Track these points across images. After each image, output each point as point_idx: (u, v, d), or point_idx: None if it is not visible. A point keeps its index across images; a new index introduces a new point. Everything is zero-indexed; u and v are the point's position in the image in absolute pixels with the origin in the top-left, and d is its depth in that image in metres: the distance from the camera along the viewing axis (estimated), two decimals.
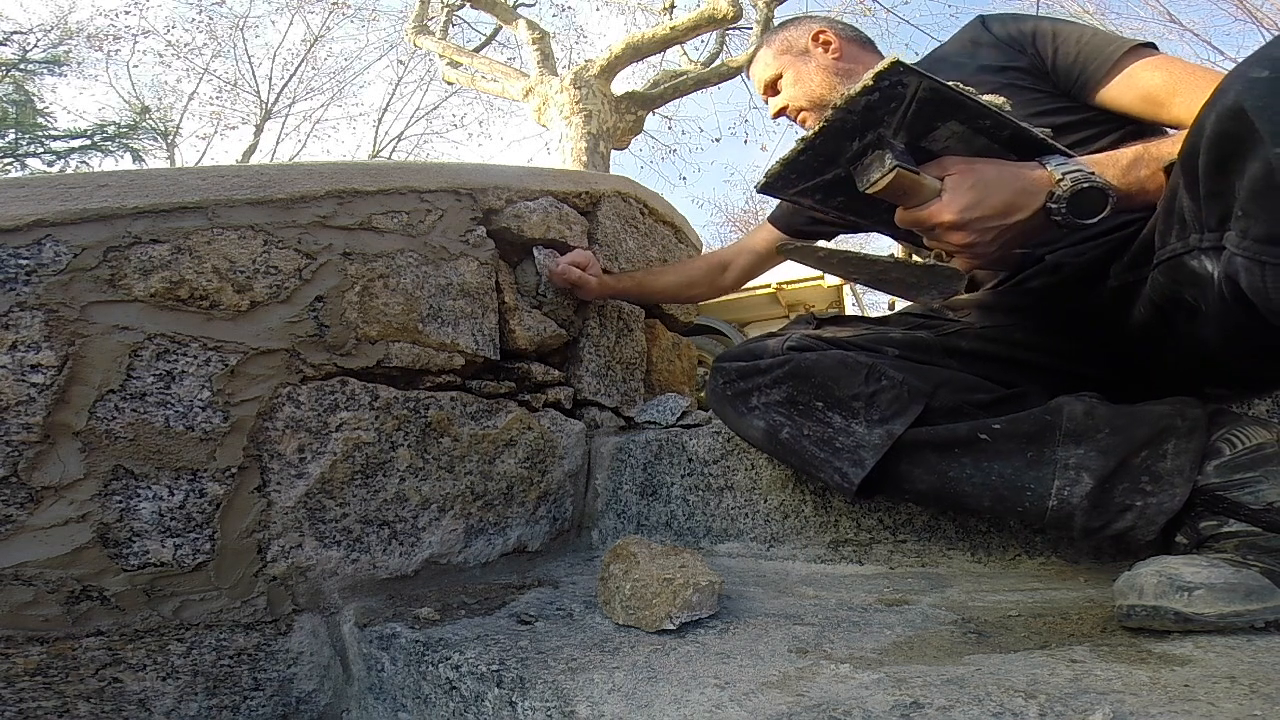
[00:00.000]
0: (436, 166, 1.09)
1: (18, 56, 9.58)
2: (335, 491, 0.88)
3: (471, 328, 1.06)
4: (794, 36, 1.16)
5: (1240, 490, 0.64)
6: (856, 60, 1.14)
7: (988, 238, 0.73)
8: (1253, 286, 0.55)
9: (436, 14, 7.43)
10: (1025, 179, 0.72)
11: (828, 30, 1.14)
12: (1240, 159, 0.52)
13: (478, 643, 0.70)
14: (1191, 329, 0.69)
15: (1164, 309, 0.71)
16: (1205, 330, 0.67)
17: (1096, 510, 0.69)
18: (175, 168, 0.94)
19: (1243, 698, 0.46)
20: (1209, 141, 0.55)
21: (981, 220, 0.72)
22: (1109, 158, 0.75)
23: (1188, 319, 0.68)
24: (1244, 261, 0.55)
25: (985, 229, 0.72)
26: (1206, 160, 0.56)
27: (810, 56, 1.13)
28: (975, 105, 0.70)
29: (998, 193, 0.71)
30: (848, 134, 0.72)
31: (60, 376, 0.70)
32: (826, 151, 0.74)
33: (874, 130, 0.71)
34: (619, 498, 1.21)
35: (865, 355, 0.86)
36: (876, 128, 0.71)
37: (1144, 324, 0.77)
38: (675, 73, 7.16)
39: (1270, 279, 0.54)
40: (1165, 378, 0.80)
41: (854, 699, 0.51)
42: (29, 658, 0.66)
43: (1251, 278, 0.55)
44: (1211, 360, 0.72)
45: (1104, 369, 0.87)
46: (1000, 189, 0.72)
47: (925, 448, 0.78)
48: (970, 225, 0.72)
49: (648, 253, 1.52)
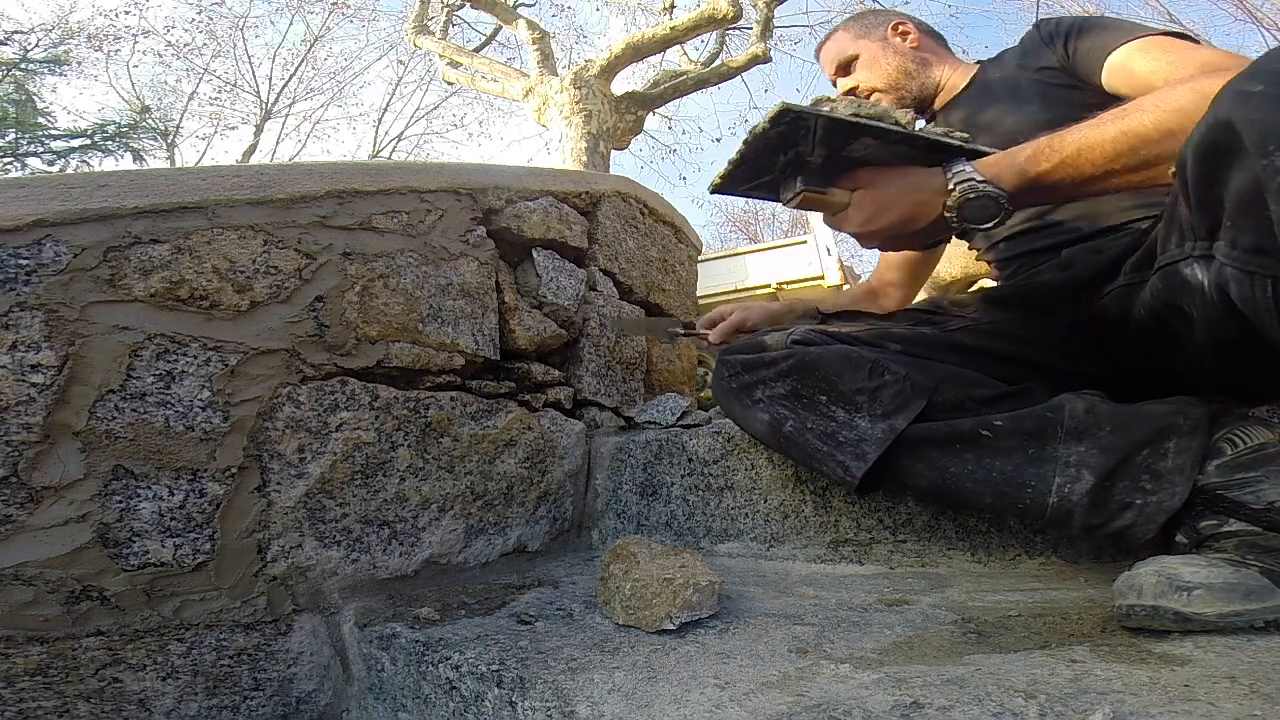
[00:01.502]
0: (436, 166, 1.09)
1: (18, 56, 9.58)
2: (335, 491, 0.88)
3: (471, 328, 1.06)
4: (873, 23, 1.20)
5: (1241, 490, 0.64)
6: (931, 52, 1.18)
7: (894, 244, 0.83)
8: (1242, 296, 0.56)
9: (436, 14, 7.43)
10: (922, 191, 0.78)
11: (906, 22, 1.19)
12: (1227, 170, 0.53)
13: (478, 643, 0.70)
14: (1188, 336, 0.69)
15: (1161, 314, 0.72)
16: (1199, 338, 0.68)
17: (1096, 508, 0.69)
18: (175, 168, 0.94)
19: (1243, 698, 0.46)
20: (1197, 153, 0.56)
21: (881, 232, 0.80)
22: (1008, 156, 0.77)
23: (1183, 326, 0.69)
24: (1233, 272, 0.56)
25: (888, 238, 0.82)
26: (1195, 171, 0.57)
27: (888, 44, 1.17)
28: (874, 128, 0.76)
29: (895, 206, 0.79)
30: (772, 151, 0.79)
31: (60, 376, 0.70)
32: (758, 165, 0.82)
33: (794, 149, 0.78)
34: (619, 498, 1.21)
35: (869, 350, 0.86)
36: (796, 146, 0.78)
37: (1144, 328, 0.77)
38: (675, 73, 7.16)
39: (1259, 289, 0.54)
40: (1167, 380, 0.80)
41: (854, 699, 0.51)
42: (29, 658, 0.66)
43: (1241, 288, 0.56)
44: (1205, 368, 0.73)
45: (1108, 368, 0.87)
46: (898, 203, 0.79)
47: (927, 443, 0.78)
48: (872, 236, 0.81)
49: (647, 253, 1.52)
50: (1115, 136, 0.72)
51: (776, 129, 0.76)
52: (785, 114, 0.75)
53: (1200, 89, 0.67)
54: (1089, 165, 0.73)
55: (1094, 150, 0.72)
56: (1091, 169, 0.73)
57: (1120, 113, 0.73)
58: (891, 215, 0.79)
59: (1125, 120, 0.72)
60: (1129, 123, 0.71)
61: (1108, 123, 0.73)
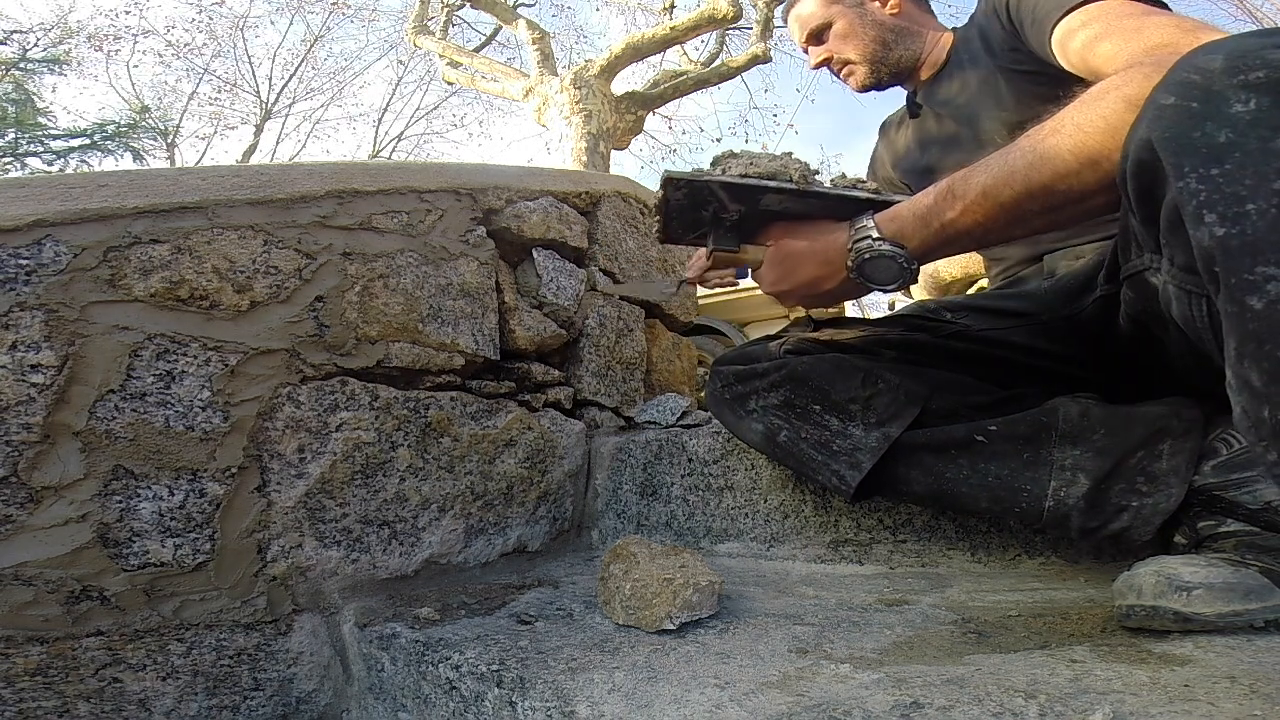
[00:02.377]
0: (436, 166, 1.09)
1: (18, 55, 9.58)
2: (335, 491, 0.88)
3: (471, 328, 1.06)
4: None
5: (1238, 490, 0.64)
6: (914, 20, 1.07)
7: (808, 302, 0.82)
8: (1182, 315, 0.54)
9: (436, 14, 7.43)
10: (827, 251, 0.76)
11: None
12: (1159, 189, 0.50)
13: (478, 643, 0.70)
14: (1166, 342, 0.67)
15: (1141, 321, 0.70)
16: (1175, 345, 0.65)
17: (1093, 511, 0.69)
18: (175, 168, 0.94)
19: (1243, 698, 0.46)
20: (1130, 171, 0.52)
21: (792, 292, 0.80)
22: (910, 208, 0.70)
23: (1163, 330, 0.66)
24: (1174, 289, 0.53)
25: (799, 297, 0.80)
26: (1133, 187, 0.53)
27: (865, 11, 1.06)
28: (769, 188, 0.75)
29: (803, 267, 0.78)
30: (691, 209, 0.79)
31: (60, 376, 0.70)
32: (686, 220, 0.82)
33: (709, 206, 0.78)
34: (619, 498, 1.21)
35: (862, 358, 0.86)
36: (708, 205, 0.77)
37: (1127, 335, 0.75)
38: (675, 73, 7.16)
39: (1195, 308, 0.52)
40: (1161, 381, 0.80)
41: (854, 699, 0.51)
42: (29, 658, 0.67)
43: (1180, 306, 0.53)
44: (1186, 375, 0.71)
45: (1100, 372, 0.87)
46: (805, 264, 0.77)
47: (922, 450, 0.78)
48: (785, 296, 0.81)
49: (647, 252, 1.52)
50: (1026, 170, 0.62)
51: (677, 192, 0.76)
52: (672, 182, 0.74)
53: (1128, 95, 0.57)
54: (997, 209, 0.64)
55: (1002, 190, 0.63)
56: (1002, 213, 0.64)
57: (1032, 138, 0.63)
58: (799, 276, 0.78)
59: (1038, 149, 0.62)
60: (1042, 151, 0.61)
61: (1016, 154, 0.63)
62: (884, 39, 1.05)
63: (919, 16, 1.08)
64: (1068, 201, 0.62)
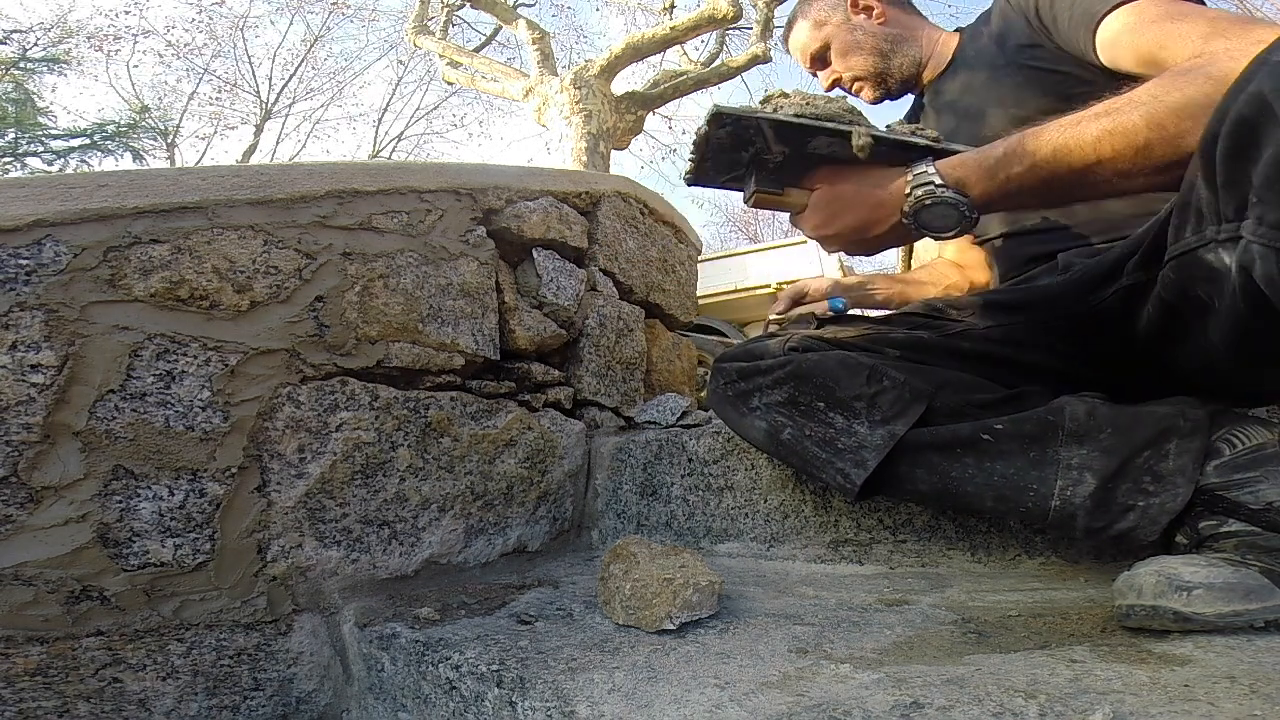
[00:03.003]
0: (436, 166, 1.09)
1: (18, 55, 9.57)
2: (335, 491, 0.88)
3: (471, 328, 1.06)
4: (831, 4, 1.09)
5: (1240, 490, 0.64)
6: (902, 25, 1.08)
7: (855, 249, 0.80)
8: (1266, 274, 0.53)
9: (436, 14, 7.43)
10: (880, 195, 0.74)
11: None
12: (1257, 145, 0.50)
13: (478, 643, 0.70)
14: (1201, 328, 0.67)
15: (1175, 308, 0.69)
16: (1214, 331, 0.65)
17: (1099, 510, 0.69)
18: (175, 168, 0.94)
19: (1243, 698, 0.46)
20: (1225, 132, 0.52)
21: (838, 236, 0.78)
22: (976, 157, 0.70)
23: (1198, 317, 0.66)
24: (1259, 249, 0.53)
25: (845, 242, 0.79)
26: (1224, 147, 0.53)
27: (853, 25, 1.08)
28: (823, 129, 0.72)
29: (851, 211, 0.76)
30: (731, 149, 0.76)
31: (60, 376, 0.70)
32: (723, 161, 0.79)
33: (751, 147, 0.75)
34: (619, 498, 1.21)
35: (867, 356, 0.85)
36: (752, 145, 0.74)
37: (1152, 325, 0.75)
38: (675, 73, 7.16)
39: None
40: (1170, 381, 0.80)
41: (854, 699, 0.51)
42: (29, 658, 0.67)
43: (1266, 265, 0.53)
44: (1215, 366, 0.71)
45: (1108, 371, 0.86)
46: (854, 208, 0.76)
47: (927, 448, 0.78)
48: (829, 240, 0.79)
49: (647, 253, 1.52)
50: (1097, 137, 0.64)
51: (721, 129, 0.73)
52: (721, 116, 0.71)
53: (1213, 74, 0.60)
54: (1066, 170, 0.66)
55: (1072, 153, 0.65)
56: (1069, 174, 0.66)
57: (1107, 109, 0.65)
58: (847, 219, 0.76)
59: (1111, 118, 0.64)
60: (1115, 121, 0.64)
61: (1089, 121, 0.66)
62: (880, 49, 1.07)
63: (907, 21, 1.09)
64: (1134, 170, 0.64)
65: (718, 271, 5.62)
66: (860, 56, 1.07)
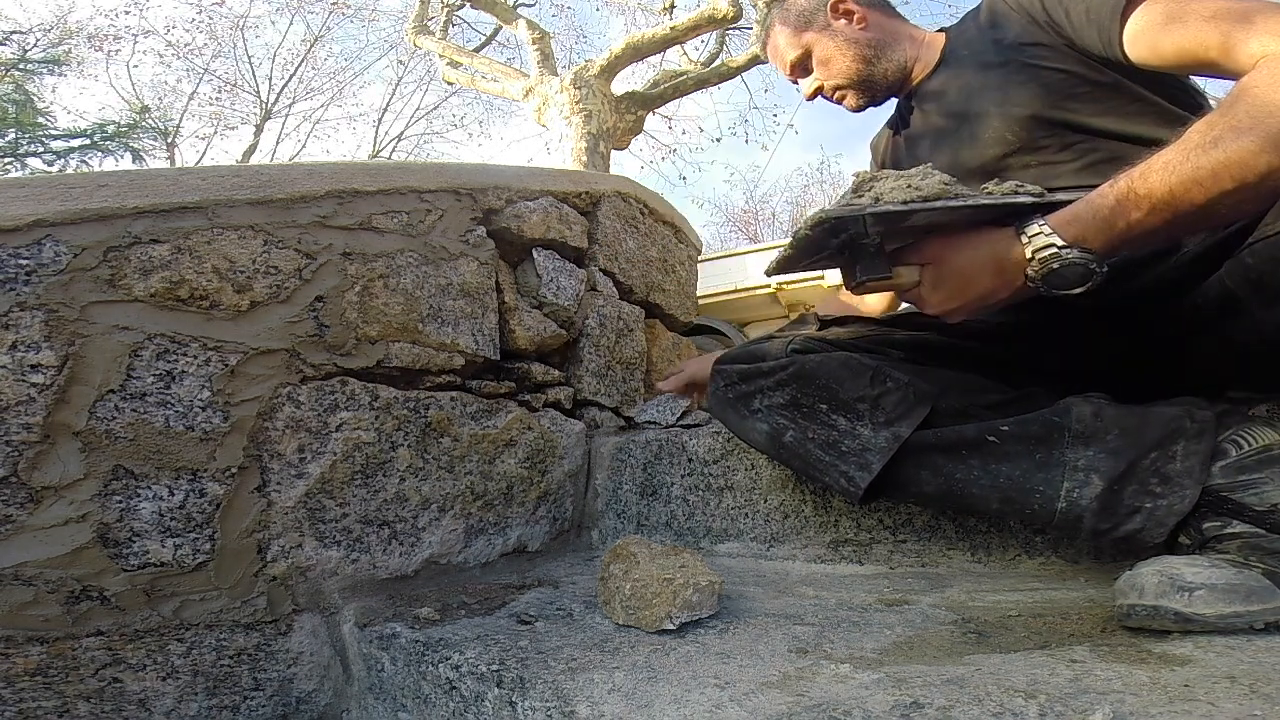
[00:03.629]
0: (436, 166, 1.09)
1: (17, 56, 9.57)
2: (335, 491, 0.88)
3: (471, 328, 1.06)
4: (810, 9, 1.05)
5: (1245, 491, 0.64)
6: (885, 29, 1.03)
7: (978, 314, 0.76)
8: None
9: (436, 14, 7.43)
10: (1000, 262, 0.70)
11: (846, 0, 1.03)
12: None
13: (478, 643, 0.70)
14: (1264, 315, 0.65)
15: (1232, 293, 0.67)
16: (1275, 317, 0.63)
17: (1106, 512, 0.69)
18: (175, 168, 0.94)
19: (1243, 698, 0.46)
20: None
21: (964, 309, 0.74)
22: (1089, 211, 0.67)
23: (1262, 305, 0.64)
24: None
25: (970, 312, 0.75)
26: None
27: (834, 30, 1.03)
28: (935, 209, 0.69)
29: (975, 284, 0.72)
30: (824, 240, 0.74)
31: (60, 376, 0.70)
32: (809, 250, 0.77)
33: (846, 233, 0.72)
34: (619, 498, 1.21)
35: (870, 357, 0.85)
36: (847, 231, 0.72)
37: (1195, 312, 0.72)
38: (675, 73, 7.16)
39: None
40: (1183, 379, 0.79)
41: (854, 699, 0.51)
42: (29, 658, 0.67)
43: None
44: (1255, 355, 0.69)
45: (1114, 371, 0.86)
46: (977, 278, 0.72)
47: (932, 450, 0.77)
48: (955, 314, 0.75)
49: (647, 253, 1.52)
50: (1214, 170, 0.60)
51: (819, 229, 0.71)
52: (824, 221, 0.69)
53: None
54: (1188, 208, 0.62)
55: (1190, 192, 0.61)
56: (1191, 212, 0.62)
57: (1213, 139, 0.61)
58: (972, 292, 0.72)
59: (1221, 150, 0.60)
60: (1227, 153, 0.60)
61: (1198, 152, 0.61)
62: (864, 55, 1.02)
63: (889, 25, 1.05)
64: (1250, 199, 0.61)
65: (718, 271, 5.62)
66: (843, 63, 1.03)
